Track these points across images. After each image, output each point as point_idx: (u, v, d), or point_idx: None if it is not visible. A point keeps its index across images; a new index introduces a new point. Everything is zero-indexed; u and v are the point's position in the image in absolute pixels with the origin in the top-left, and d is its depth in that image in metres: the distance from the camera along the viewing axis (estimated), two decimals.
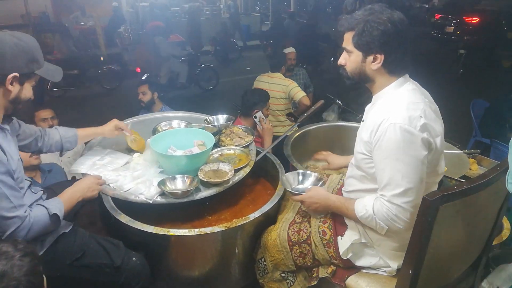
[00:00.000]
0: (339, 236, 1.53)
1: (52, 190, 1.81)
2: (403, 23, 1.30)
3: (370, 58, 1.33)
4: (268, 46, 8.24)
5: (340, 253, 1.48)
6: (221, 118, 2.37)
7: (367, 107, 1.51)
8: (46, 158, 2.57)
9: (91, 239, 1.59)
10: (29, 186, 1.52)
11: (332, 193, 1.76)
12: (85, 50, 8.09)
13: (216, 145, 2.14)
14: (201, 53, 7.88)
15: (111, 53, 7.94)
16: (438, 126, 1.34)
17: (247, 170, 1.96)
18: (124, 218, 1.64)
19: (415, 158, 1.25)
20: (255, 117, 2.78)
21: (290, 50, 4.23)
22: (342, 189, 1.64)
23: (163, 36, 6.47)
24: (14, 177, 1.35)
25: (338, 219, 1.56)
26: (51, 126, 2.74)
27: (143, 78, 5.90)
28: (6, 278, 0.93)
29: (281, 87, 3.52)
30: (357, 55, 1.36)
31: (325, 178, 1.92)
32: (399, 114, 1.26)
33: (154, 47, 6.29)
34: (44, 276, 1.08)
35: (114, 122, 1.99)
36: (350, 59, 1.39)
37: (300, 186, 1.79)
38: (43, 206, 1.43)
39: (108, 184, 1.77)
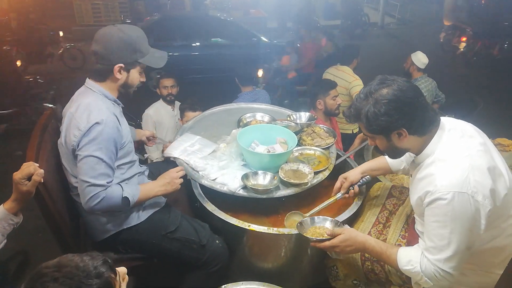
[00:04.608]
0: None
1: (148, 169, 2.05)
2: (403, 89, 1.24)
3: (394, 135, 1.30)
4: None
5: (412, 284, 1.46)
6: (304, 116, 2.39)
7: (412, 163, 1.46)
8: None
9: (183, 218, 1.80)
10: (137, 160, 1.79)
11: (411, 214, 1.71)
12: None
13: (297, 143, 2.18)
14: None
15: None
16: (495, 169, 1.25)
17: (326, 173, 1.99)
18: (210, 206, 1.79)
19: (464, 229, 1.20)
20: None
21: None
22: (415, 226, 1.55)
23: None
24: (118, 150, 1.55)
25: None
26: (170, 94, 3.21)
27: None
28: None
29: (343, 82, 3.35)
30: (379, 138, 1.34)
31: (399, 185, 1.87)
32: (448, 178, 1.20)
33: None
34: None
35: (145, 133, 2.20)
36: (376, 142, 1.38)
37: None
38: (121, 187, 1.57)
39: (198, 171, 1.94)
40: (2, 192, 1.52)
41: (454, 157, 1.24)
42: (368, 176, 1.82)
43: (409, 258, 1.34)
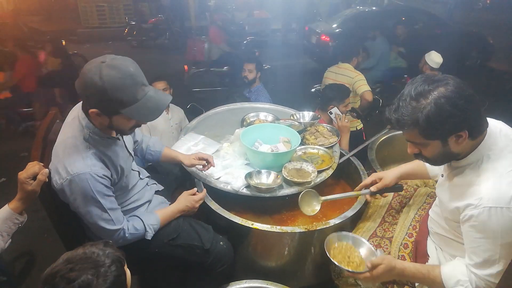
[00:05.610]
0: None
1: (154, 168, 2.06)
2: (461, 86, 1.12)
3: (452, 139, 1.16)
4: None
5: (416, 284, 1.44)
6: (307, 115, 2.39)
7: (447, 165, 1.35)
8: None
9: (185, 222, 1.76)
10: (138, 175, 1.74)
11: (418, 211, 1.70)
12: None
13: (300, 142, 2.18)
14: None
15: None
16: None
17: (329, 172, 1.98)
18: (214, 205, 1.79)
19: None
20: (330, 112, 2.73)
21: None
22: (428, 225, 1.53)
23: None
24: (112, 188, 1.47)
25: (420, 247, 1.51)
26: None
27: None
28: None
29: (346, 78, 3.36)
30: (434, 144, 1.20)
31: (413, 189, 1.85)
32: (494, 192, 1.13)
33: None
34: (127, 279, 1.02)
35: (198, 155, 1.94)
36: (427, 149, 1.23)
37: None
38: (143, 223, 1.57)
39: (201, 171, 1.94)
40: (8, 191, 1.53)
41: (501, 169, 1.16)
42: (401, 185, 1.70)
43: (456, 278, 1.26)
